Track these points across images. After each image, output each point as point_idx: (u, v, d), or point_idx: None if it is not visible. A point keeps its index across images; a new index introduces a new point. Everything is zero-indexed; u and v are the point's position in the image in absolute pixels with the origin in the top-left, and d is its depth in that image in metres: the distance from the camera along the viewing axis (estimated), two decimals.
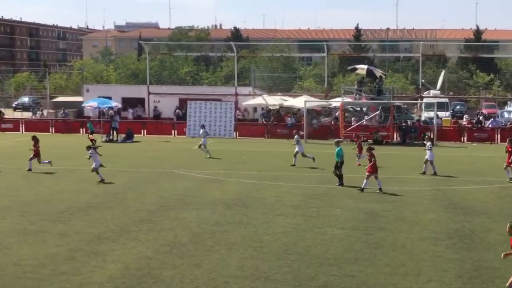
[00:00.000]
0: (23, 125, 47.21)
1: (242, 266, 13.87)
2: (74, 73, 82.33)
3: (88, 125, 40.84)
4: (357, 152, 30.20)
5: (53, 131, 45.63)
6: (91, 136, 38.79)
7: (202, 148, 33.11)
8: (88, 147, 25.32)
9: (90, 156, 25.00)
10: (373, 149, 23.60)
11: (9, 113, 53.94)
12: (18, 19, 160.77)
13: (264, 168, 29.06)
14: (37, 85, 73.59)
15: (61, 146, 37.32)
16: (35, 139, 27.59)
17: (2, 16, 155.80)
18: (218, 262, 14.09)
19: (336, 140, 26.54)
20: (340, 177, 24.19)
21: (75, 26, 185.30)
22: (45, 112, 57.68)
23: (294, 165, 29.24)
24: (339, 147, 24.26)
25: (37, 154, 27.44)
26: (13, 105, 62.43)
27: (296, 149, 29.70)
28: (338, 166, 24.19)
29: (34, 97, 68.19)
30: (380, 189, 22.75)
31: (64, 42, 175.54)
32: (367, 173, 22.93)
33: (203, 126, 34.78)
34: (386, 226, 17.66)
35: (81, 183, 24.64)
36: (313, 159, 29.53)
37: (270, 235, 16.58)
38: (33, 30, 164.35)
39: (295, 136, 29.98)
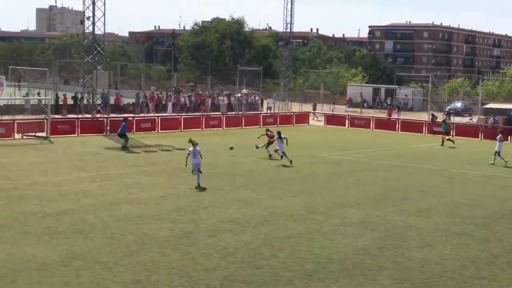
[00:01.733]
0: (453, 130, 48.08)
1: None
2: (506, 80, 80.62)
3: (443, 126, 41.83)
4: None
5: (482, 137, 45.56)
6: (444, 136, 40.35)
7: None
8: (278, 132, 29.62)
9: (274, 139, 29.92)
10: None
11: (440, 117, 55.38)
12: (456, 26, 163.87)
13: None
14: (470, 91, 74.21)
15: (485, 152, 37.17)
16: (278, 133, 30.27)
17: (441, 23, 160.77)
18: None
19: None
20: None
21: (511, 34, 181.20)
22: (474, 118, 57.96)
23: None
24: None
25: (268, 143, 30.97)
26: (446, 110, 63.89)
27: None
28: None
29: (466, 103, 69.07)
30: None
31: (499, 49, 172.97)
32: None
33: None
34: None
35: (506, 190, 24.48)
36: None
37: None
38: (470, 37, 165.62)
39: None
